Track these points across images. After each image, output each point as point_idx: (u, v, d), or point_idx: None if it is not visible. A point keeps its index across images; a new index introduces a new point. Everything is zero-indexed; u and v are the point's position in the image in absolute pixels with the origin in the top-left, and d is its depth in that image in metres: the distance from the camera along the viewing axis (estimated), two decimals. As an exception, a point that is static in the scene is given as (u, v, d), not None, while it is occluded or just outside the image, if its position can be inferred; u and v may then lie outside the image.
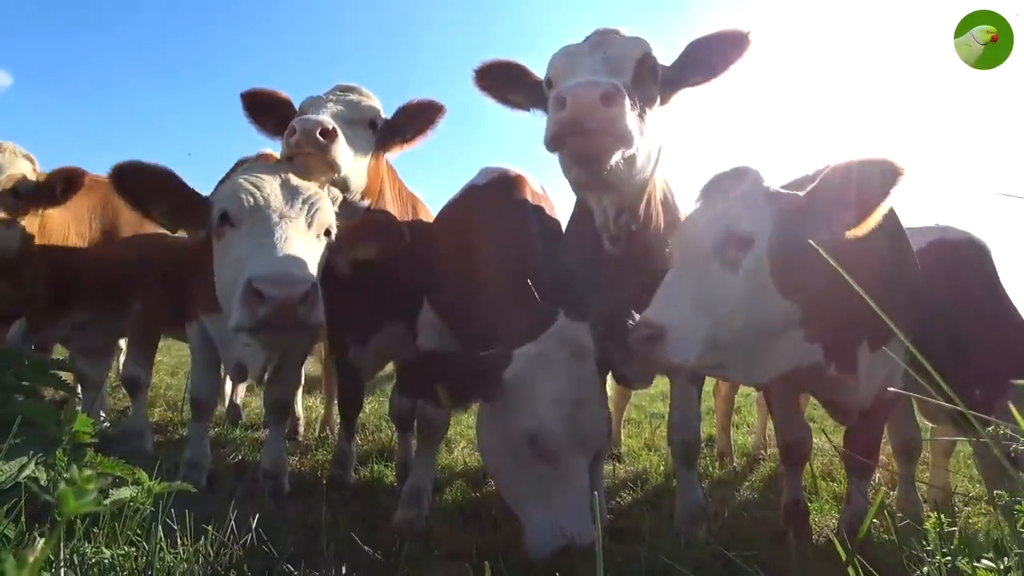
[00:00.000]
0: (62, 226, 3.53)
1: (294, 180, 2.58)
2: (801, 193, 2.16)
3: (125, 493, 1.74)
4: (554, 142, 1.93)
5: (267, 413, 3.37)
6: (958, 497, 3.31)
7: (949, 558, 1.25)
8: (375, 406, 5.71)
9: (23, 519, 1.50)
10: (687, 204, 2.45)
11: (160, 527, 1.77)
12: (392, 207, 3.32)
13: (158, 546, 1.74)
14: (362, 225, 2.83)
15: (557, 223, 2.95)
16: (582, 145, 1.92)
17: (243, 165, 2.90)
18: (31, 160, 3.43)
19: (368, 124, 2.95)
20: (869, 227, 2.04)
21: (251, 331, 2.15)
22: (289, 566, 1.92)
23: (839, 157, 2.19)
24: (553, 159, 2.14)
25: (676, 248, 2.17)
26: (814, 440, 3.06)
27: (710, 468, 4.21)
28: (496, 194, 2.92)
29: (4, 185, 3.20)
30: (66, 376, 3.21)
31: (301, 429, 4.95)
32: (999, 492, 1.31)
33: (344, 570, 1.95)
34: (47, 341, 3.89)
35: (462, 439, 4.68)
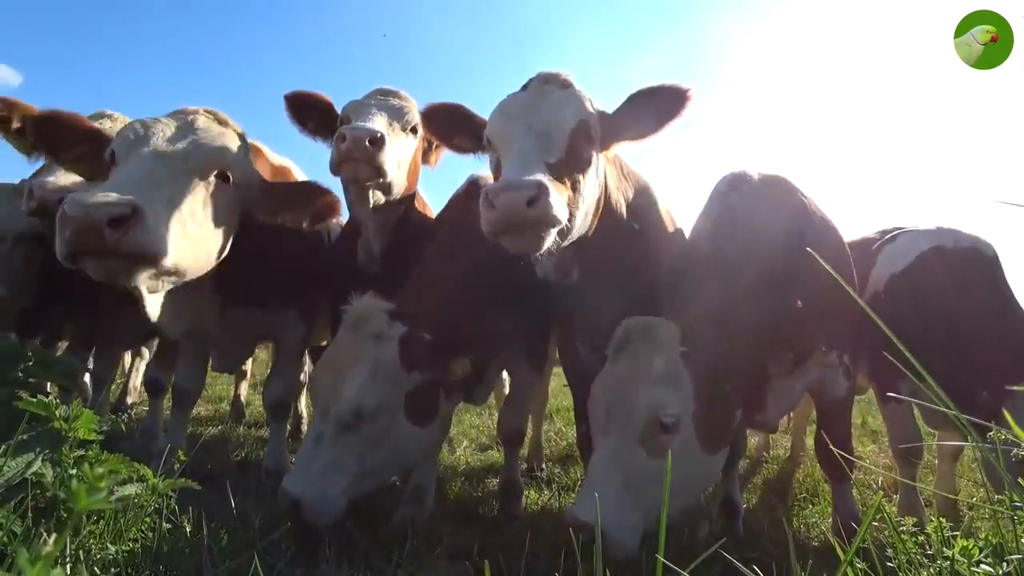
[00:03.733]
0: None
1: (199, 123, 2.46)
2: (715, 338, 2.13)
3: (130, 490, 1.75)
4: (492, 236, 1.98)
5: (266, 412, 3.38)
6: (963, 502, 3.29)
7: (948, 562, 1.25)
8: (378, 405, 5.71)
9: (30, 515, 1.51)
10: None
11: (164, 524, 1.79)
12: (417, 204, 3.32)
13: (161, 542, 1.76)
14: (298, 191, 2.69)
15: None
16: (516, 243, 1.99)
17: None
18: None
19: (410, 130, 2.96)
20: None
21: (66, 259, 1.95)
22: (291, 564, 1.93)
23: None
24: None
25: (599, 420, 2.13)
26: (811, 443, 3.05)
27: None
28: None
29: None
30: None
31: (304, 427, 4.97)
32: (1000, 497, 1.30)
33: (346, 568, 1.96)
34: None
35: (464, 438, 4.69)
